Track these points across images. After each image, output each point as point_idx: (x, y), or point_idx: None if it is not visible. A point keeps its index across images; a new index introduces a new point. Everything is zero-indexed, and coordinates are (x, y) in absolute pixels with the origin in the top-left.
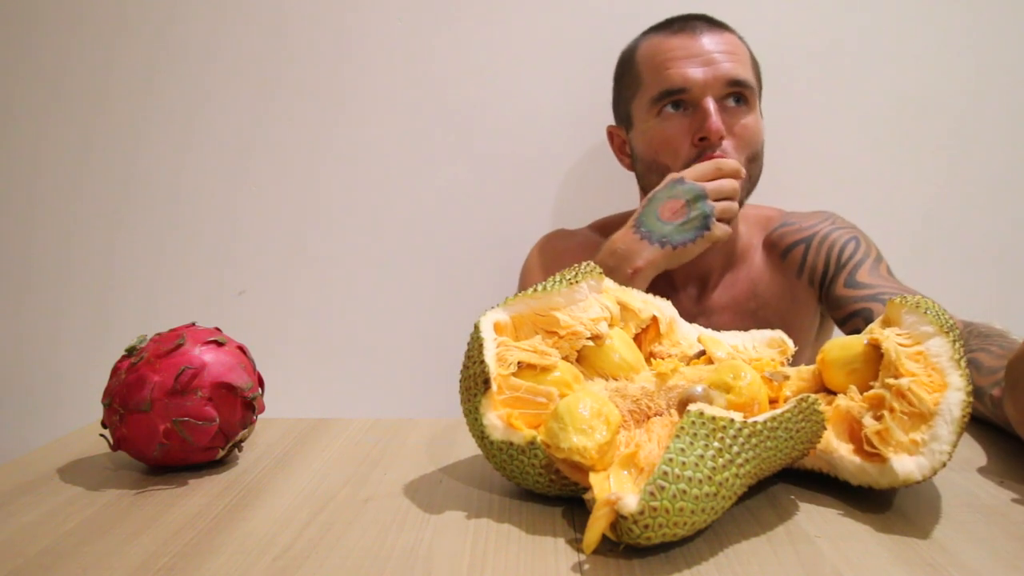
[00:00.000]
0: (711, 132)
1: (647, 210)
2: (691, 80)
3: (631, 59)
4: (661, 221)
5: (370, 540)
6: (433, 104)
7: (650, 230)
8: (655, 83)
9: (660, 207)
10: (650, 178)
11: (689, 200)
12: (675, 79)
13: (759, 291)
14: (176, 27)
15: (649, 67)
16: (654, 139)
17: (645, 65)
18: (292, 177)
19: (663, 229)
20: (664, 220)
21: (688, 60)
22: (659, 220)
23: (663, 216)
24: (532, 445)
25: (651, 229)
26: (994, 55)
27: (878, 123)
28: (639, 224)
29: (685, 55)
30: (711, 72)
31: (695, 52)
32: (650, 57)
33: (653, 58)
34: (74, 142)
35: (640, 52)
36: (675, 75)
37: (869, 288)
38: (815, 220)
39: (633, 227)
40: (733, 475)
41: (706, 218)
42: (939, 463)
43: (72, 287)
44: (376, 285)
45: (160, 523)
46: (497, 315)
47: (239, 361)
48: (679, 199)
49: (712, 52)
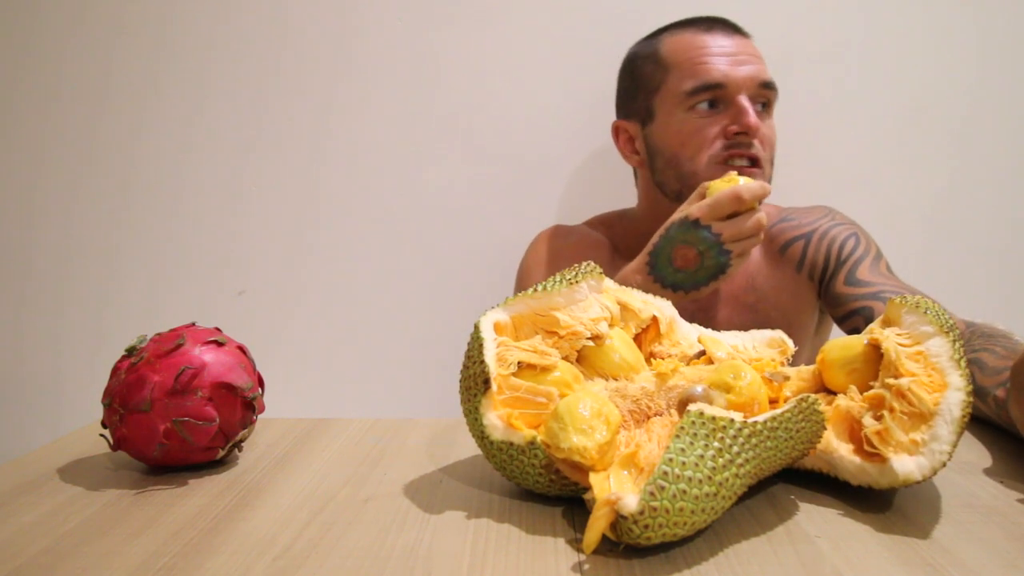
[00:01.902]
0: (750, 127)
1: (660, 250)
2: (730, 77)
3: (653, 54)
4: (673, 268)
5: (370, 540)
6: (433, 104)
7: (662, 275)
8: (689, 77)
9: (673, 252)
10: (667, 173)
11: (703, 251)
12: (714, 74)
13: (757, 284)
14: (176, 27)
15: (681, 61)
16: (682, 132)
17: (675, 59)
18: (292, 177)
19: (675, 277)
20: (676, 268)
21: (725, 58)
22: (671, 267)
23: (675, 263)
24: (532, 445)
25: (663, 275)
26: (997, 54)
27: (881, 122)
28: (652, 265)
29: (721, 52)
30: (747, 72)
31: (731, 51)
32: (682, 51)
33: (686, 52)
34: (74, 142)
35: (667, 47)
36: (714, 70)
37: (869, 286)
38: (815, 216)
39: (648, 266)
40: (733, 475)
41: (721, 267)
42: (939, 463)
43: (72, 287)
44: (376, 285)
45: (160, 523)
46: (497, 315)
47: (239, 361)
48: (692, 248)
49: (745, 52)
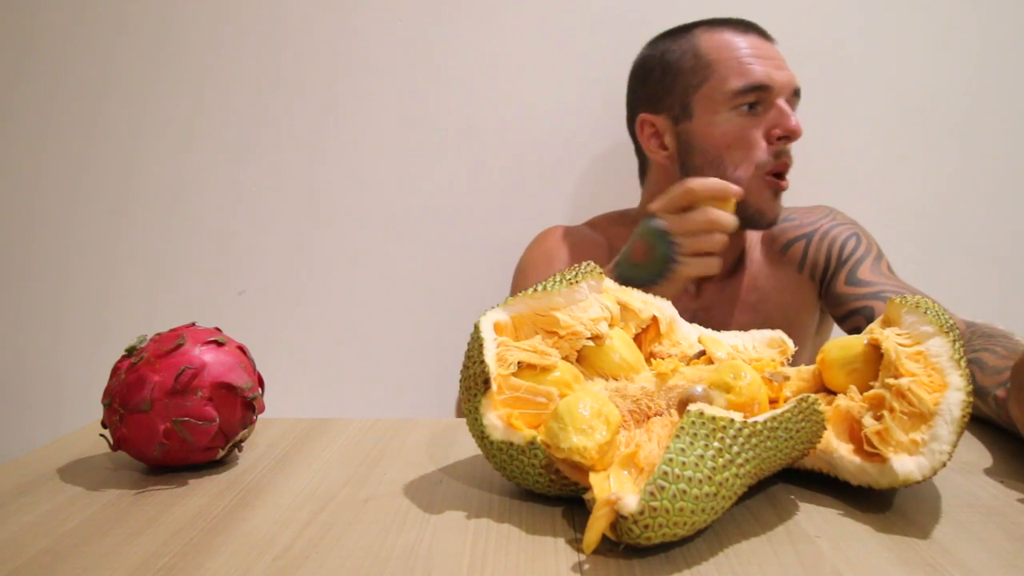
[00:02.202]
0: (792, 131)
1: (624, 250)
2: (774, 79)
3: (693, 49)
4: (629, 264)
5: (370, 540)
6: (433, 105)
7: (620, 273)
8: (736, 77)
9: (632, 248)
10: (707, 172)
11: (652, 243)
12: (760, 76)
13: (759, 284)
14: (176, 27)
15: (727, 59)
16: (728, 133)
17: (719, 56)
18: (292, 177)
19: (630, 272)
20: (631, 263)
21: (766, 61)
22: (628, 263)
23: (633, 258)
24: (532, 445)
25: (621, 272)
26: (997, 54)
27: (881, 122)
28: (618, 261)
29: (761, 55)
30: (786, 76)
31: (769, 54)
32: (723, 49)
33: (730, 51)
34: (74, 142)
35: (707, 44)
36: (759, 72)
37: (870, 286)
38: (816, 216)
39: (615, 263)
40: (733, 475)
41: (667, 260)
42: (939, 463)
43: (72, 287)
44: (376, 285)
45: (160, 523)
46: (497, 315)
47: (239, 361)
48: (644, 239)
49: (778, 57)
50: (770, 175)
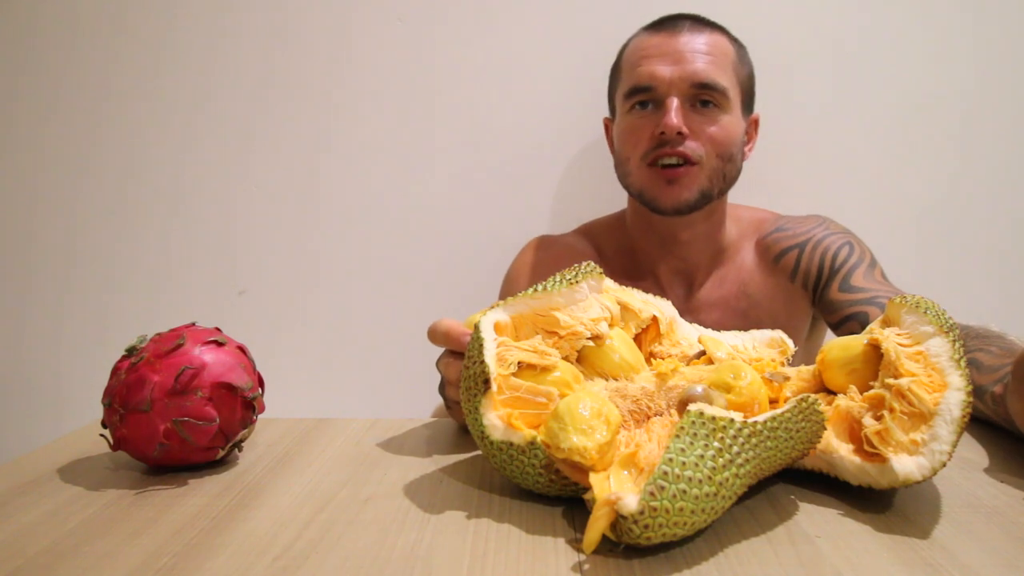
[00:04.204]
0: (667, 128)
1: None
2: (657, 78)
3: (620, 54)
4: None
5: (370, 540)
6: (433, 105)
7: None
8: (628, 79)
9: None
10: (618, 170)
11: None
12: (643, 76)
13: (749, 291)
14: (177, 27)
15: (627, 63)
16: (622, 132)
17: (626, 61)
18: (292, 177)
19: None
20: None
21: (659, 59)
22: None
23: None
24: (532, 445)
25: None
26: (995, 55)
27: (878, 124)
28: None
29: (658, 53)
30: (678, 71)
31: (668, 51)
32: (630, 53)
33: (632, 55)
34: (75, 142)
35: (626, 48)
36: (643, 72)
37: (864, 292)
38: (809, 225)
39: None
40: (733, 475)
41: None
42: (939, 463)
43: (73, 287)
44: (376, 285)
45: (160, 523)
46: (497, 315)
47: (239, 361)
48: None
49: (685, 52)
50: (653, 165)
